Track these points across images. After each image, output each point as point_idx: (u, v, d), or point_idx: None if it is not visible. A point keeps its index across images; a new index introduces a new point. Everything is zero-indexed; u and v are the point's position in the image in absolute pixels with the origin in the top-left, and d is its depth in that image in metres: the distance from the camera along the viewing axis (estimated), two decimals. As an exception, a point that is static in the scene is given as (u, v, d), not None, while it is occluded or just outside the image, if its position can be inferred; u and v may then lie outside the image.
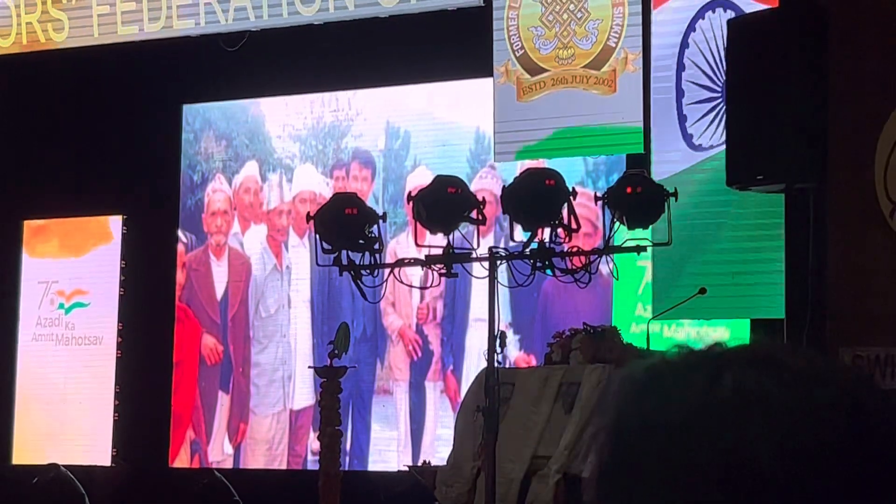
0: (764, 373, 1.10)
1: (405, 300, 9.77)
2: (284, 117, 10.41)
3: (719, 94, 8.08)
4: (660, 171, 8.20)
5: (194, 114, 10.79)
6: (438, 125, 9.81)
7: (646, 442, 1.10)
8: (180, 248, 10.72)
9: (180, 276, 10.70)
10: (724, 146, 7.42)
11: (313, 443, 9.64)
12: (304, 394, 10.12)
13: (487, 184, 9.23)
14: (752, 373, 1.10)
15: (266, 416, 10.29)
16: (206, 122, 10.74)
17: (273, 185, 10.44)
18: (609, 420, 1.14)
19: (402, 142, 9.98)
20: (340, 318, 9.32)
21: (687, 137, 8.36)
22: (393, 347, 9.85)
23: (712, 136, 8.23)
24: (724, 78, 7.67)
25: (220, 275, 10.61)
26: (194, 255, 10.71)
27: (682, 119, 8.39)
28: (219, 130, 10.67)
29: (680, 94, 8.44)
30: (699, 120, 8.32)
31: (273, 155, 10.45)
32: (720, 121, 8.04)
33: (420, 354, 9.75)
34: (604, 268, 8.53)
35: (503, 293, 7.72)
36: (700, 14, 8.41)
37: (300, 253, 10.23)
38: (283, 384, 10.25)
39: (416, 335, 9.77)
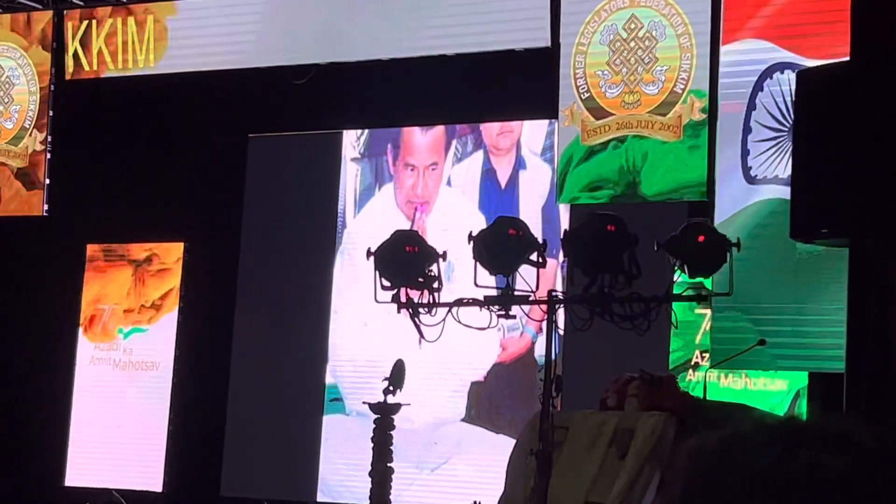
0: (838, 451, 1.09)
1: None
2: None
3: (786, 132, 8.05)
4: (720, 211, 8.20)
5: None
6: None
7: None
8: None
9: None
10: (779, 181, 7.39)
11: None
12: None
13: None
14: (825, 451, 1.09)
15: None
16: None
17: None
18: (679, 489, 1.14)
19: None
20: None
21: (745, 170, 8.33)
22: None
23: (768, 167, 8.20)
24: (792, 122, 7.64)
25: None
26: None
27: (745, 154, 8.36)
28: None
29: (747, 130, 8.42)
30: (761, 154, 8.29)
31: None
32: (782, 154, 8.03)
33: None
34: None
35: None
36: (768, 73, 8.40)
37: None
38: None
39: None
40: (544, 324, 7.02)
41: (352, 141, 10.57)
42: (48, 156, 11.01)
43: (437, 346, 8.41)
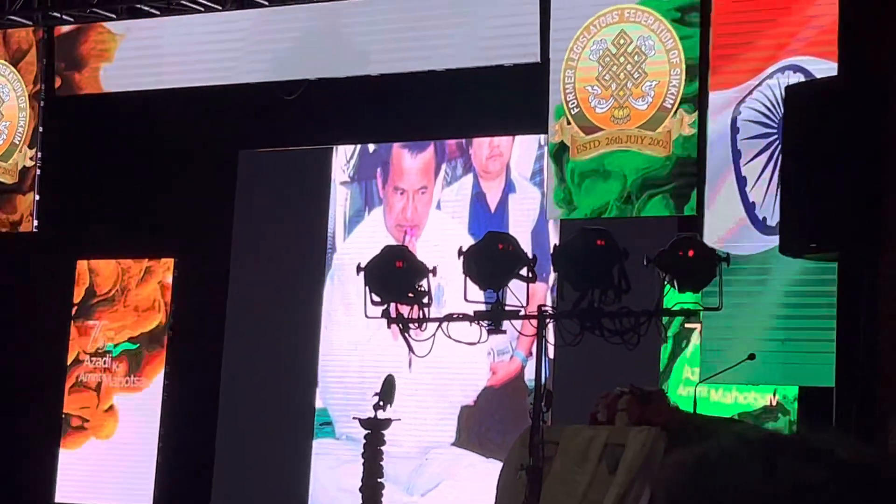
0: (819, 465, 1.09)
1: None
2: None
3: (775, 132, 8.04)
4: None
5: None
6: None
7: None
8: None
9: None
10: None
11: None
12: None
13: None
14: (806, 465, 1.09)
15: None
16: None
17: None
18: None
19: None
20: None
21: (748, 207, 8.31)
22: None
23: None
24: (779, 121, 7.65)
25: None
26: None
27: (749, 208, 8.34)
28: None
29: (736, 155, 8.41)
30: (766, 192, 8.28)
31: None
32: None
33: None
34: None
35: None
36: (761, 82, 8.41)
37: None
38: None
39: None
40: (534, 344, 7.01)
41: (341, 164, 10.56)
42: (38, 172, 11.00)
43: (426, 369, 8.40)
